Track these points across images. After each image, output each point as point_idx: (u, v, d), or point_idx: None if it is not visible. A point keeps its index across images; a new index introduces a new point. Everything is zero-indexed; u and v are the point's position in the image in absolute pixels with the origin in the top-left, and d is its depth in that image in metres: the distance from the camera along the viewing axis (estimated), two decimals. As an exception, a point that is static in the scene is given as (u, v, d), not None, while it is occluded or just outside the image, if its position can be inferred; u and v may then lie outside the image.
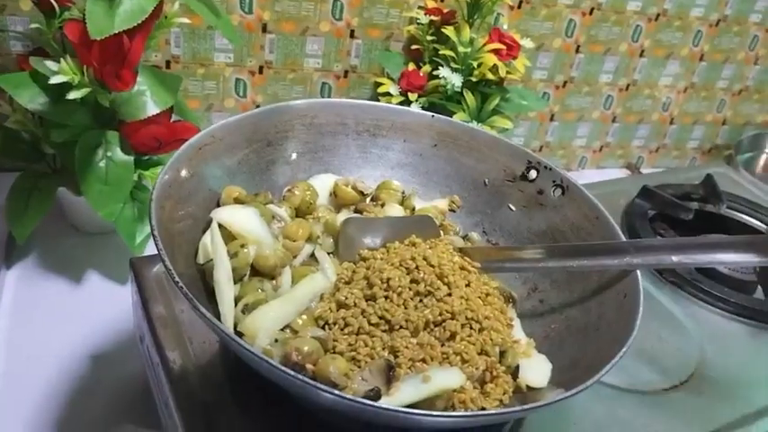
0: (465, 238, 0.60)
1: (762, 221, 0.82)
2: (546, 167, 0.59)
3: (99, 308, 0.68)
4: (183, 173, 0.49)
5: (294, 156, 0.59)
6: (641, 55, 1.07)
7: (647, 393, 0.55)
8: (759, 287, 0.70)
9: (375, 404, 0.36)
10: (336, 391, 0.36)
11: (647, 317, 0.46)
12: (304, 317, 0.46)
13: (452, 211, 0.62)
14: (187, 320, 0.51)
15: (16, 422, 0.57)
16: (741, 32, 1.11)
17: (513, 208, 0.60)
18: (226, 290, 0.46)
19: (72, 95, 0.61)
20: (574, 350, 0.48)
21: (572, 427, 0.51)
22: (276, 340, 0.44)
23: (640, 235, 0.74)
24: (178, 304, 0.52)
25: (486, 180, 0.62)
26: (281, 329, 0.45)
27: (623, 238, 0.53)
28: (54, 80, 0.60)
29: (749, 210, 0.83)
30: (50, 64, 0.61)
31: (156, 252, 0.41)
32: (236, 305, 0.46)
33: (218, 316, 0.45)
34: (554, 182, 0.59)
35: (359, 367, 0.43)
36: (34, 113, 0.66)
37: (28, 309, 0.68)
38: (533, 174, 0.60)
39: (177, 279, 0.39)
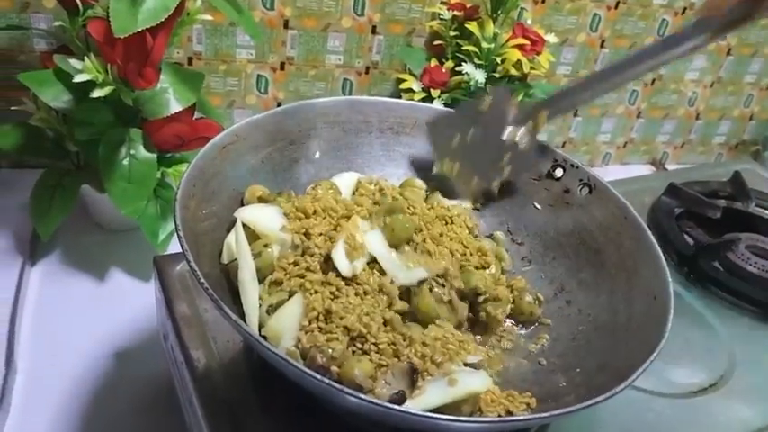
0: (490, 237, 0.59)
1: (792, 220, 0.80)
2: (572, 165, 0.59)
3: (123, 305, 0.68)
4: (207, 172, 0.49)
5: (317, 154, 0.59)
6: (667, 49, 1.05)
7: (675, 396, 0.54)
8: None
9: (401, 408, 0.36)
10: (361, 395, 0.36)
11: (675, 318, 0.45)
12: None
13: (476, 209, 0.61)
14: (211, 319, 0.51)
15: (40, 419, 0.57)
16: (769, 26, 1.08)
17: (538, 207, 0.60)
18: (250, 290, 0.45)
19: (96, 94, 0.61)
20: (601, 353, 0.47)
21: (598, 430, 0.50)
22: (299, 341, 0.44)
23: (667, 234, 0.72)
24: (202, 303, 0.52)
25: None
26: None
27: (652, 237, 0.52)
28: (78, 78, 0.60)
29: (779, 208, 0.81)
30: (74, 62, 0.61)
31: (180, 250, 0.41)
32: (260, 305, 0.46)
33: (242, 316, 0.44)
34: (581, 180, 0.58)
35: (381, 369, 0.43)
36: (58, 111, 0.66)
37: (52, 306, 0.68)
38: (559, 172, 0.59)
39: (203, 280, 0.39)
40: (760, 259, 0.71)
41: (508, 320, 0.53)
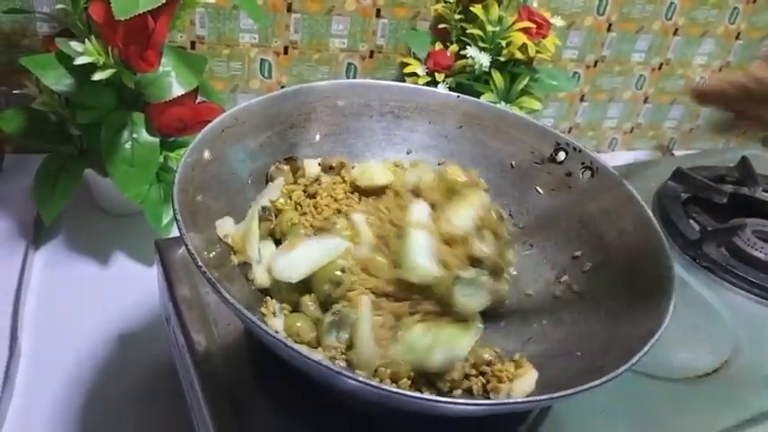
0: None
1: (799, 205, 0.79)
2: (575, 149, 0.58)
3: (126, 289, 0.68)
4: (206, 156, 0.48)
5: (317, 138, 0.58)
6: (675, 33, 1.04)
7: (679, 381, 0.54)
8: (795, 273, 0.68)
9: (402, 391, 0.36)
10: (360, 378, 0.35)
11: (679, 303, 0.45)
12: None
13: None
14: (212, 302, 0.51)
15: (44, 402, 0.58)
16: (780, 9, 1.07)
17: (540, 191, 0.59)
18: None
19: (97, 76, 0.61)
20: (604, 337, 0.47)
21: (601, 414, 0.50)
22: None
23: (672, 219, 0.72)
24: (203, 286, 0.52)
25: (514, 162, 0.60)
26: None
27: (655, 222, 0.51)
28: (79, 61, 0.60)
29: (786, 193, 0.81)
30: (75, 45, 0.61)
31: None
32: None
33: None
34: (583, 164, 0.57)
35: None
36: (60, 95, 0.66)
37: (55, 290, 0.68)
38: (562, 155, 0.59)
39: (201, 264, 0.39)
40: (766, 244, 0.70)
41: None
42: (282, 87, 0.90)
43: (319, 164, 0.56)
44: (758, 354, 0.59)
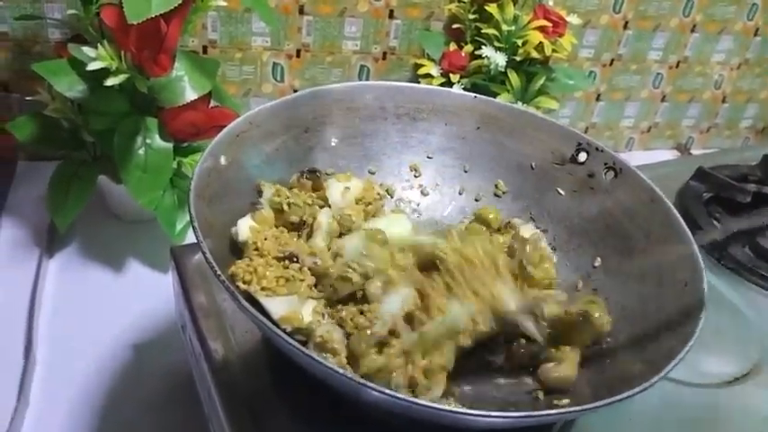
0: (507, 224, 0.57)
1: (823, 203, 0.78)
2: (597, 149, 0.57)
3: (141, 296, 0.68)
4: (222, 161, 0.48)
5: (333, 141, 0.57)
6: (693, 30, 1.02)
7: (707, 387, 0.53)
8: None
9: (424, 402, 0.35)
10: (383, 389, 0.34)
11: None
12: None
13: (497, 196, 0.59)
14: (229, 310, 0.50)
15: (60, 410, 0.57)
16: (799, 4, 1.05)
17: (561, 192, 0.58)
18: None
19: (110, 82, 0.61)
20: (632, 343, 0.45)
21: (627, 422, 0.49)
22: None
23: (695, 219, 0.70)
24: (220, 293, 0.52)
25: (533, 163, 0.59)
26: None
27: (683, 223, 0.50)
28: (92, 66, 0.60)
29: (811, 191, 0.79)
30: (88, 50, 0.60)
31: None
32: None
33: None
34: (605, 164, 0.56)
35: None
36: (73, 101, 0.66)
37: (70, 298, 0.68)
38: (583, 156, 0.57)
39: (219, 272, 0.38)
40: (792, 244, 0.69)
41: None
42: (295, 91, 0.89)
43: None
44: (788, 357, 0.57)
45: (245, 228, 0.47)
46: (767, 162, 0.81)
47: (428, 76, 0.84)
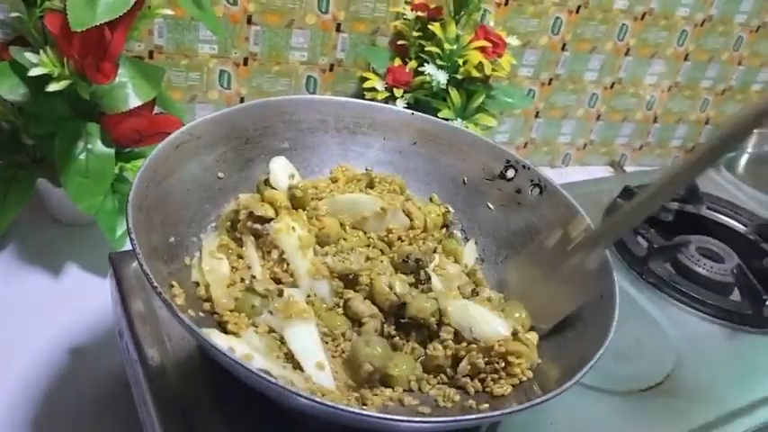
0: (449, 236, 0.60)
1: (741, 223, 0.83)
2: (524, 166, 0.60)
3: (79, 301, 0.67)
4: (160, 172, 0.48)
5: (273, 153, 0.59)
6: (627, 54, 1.07)
7: (623, 394, 0.56)
8: (736, 289, 0.71)
9: (351, 409, 0.36)
10: (312, 396, 0.36)
11: (625, 317, 0.46)
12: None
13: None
14: (166, 317, 0.51)
15: (-8, 416, 0.57)
16: (726, 33, 1.11)
17: (491, 207, 0.61)
18: None
19: (52, 87, 0.60)
20: (552, 352, 0.48)
21: (549, 427, 0.51)
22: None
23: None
24: (157, 301, 0.52)
25: (465, 178, 0.62)
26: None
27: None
28: (33, 72, 0.59)
29: (729, 211, 0.84)
30: (30, 56, 0.60)
31: (135, 248, 0.41)
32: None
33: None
34: (531, 181, 0.59)
35: None
36: (14, 104, 0.65)
37: (6, 301, 0.67)
38: (511, 173, 0.60)
39: (156, 284, 0.39)
40: (709, 261, 0.73)
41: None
42: (242, 99, 0.90)
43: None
44: (699, 367, 0.61)
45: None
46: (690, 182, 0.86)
47: (373, 89, 0.85)
